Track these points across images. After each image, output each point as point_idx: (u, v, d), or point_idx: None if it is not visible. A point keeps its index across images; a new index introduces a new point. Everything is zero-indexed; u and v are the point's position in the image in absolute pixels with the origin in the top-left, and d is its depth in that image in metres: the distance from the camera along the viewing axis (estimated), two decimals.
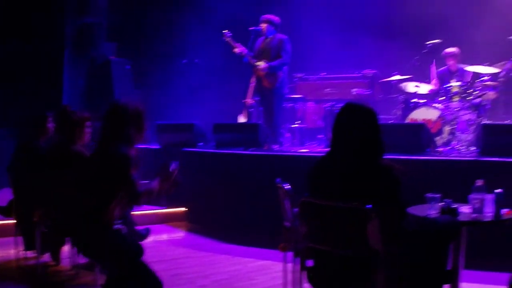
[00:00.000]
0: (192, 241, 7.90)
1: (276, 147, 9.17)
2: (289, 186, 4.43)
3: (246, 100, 10.40)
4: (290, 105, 10.99)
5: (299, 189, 4.07)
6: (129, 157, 4.35)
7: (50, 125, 6.57)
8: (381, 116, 10.81)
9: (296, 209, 4.04)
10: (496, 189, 4.46)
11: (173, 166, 4.54)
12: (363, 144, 3.76)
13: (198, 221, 8.65)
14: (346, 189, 3.69)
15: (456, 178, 6.21)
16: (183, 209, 8.98)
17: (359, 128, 3.79)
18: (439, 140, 8.97)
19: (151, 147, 9.45)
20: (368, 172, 3.71)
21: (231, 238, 7.76)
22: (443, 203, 4.46)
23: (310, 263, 4.02)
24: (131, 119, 4.50)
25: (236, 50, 9.28)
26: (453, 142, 8.86)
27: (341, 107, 3.94)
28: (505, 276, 4.18)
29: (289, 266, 4.45)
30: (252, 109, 10.55)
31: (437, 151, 7.95)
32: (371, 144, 3.79)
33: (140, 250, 4.45)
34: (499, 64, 9.70)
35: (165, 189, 4.54)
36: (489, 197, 4.45)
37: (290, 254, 4.41)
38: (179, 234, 8.45)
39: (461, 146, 8.56)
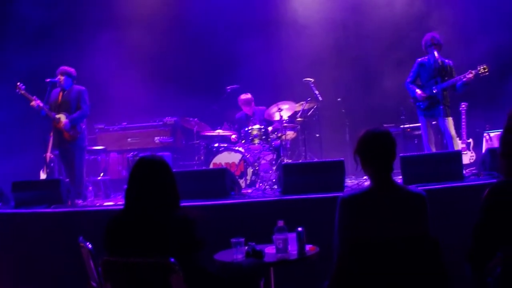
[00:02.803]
0: None
1: (80, 202, 8.84)
2: (91, 246, 4.24)
3: (46, 154, 10.00)
4: (92, 157, 10.73)
5: None
6: None
7: None
8: (185, 163, 10.99)
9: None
10: (300, 224, 4.56)
11: None
12: (157, 196, 3.71)
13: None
14: (146, 243, 3.62)
15: (262, 219, 6.26)
16: None
17: (152, 181, 3.74)
18: (243, 182, 9.13)
19: None
20: (165, 224, 3.65)
21: None
22: (247, 247, 4.50)
23: None
24: None
25: (33, 103, 8.88)
26: (257, 183, 9.05)
27: (134, 163, 3.88)
28: None
29: None
30: (53, 164, 10.16)
31: (242, 194, 8.04)
32: (166, 195, 3.76)
33: None
34: (297, 104, 10.10)
35: None
36: (291, 236, 4.54)
37: None
38: None
39: (265, 186, 8.75)
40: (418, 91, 8.68)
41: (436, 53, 8.48)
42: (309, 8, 12.13)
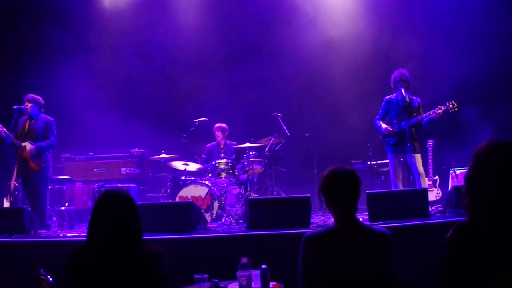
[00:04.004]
0: None
1: (43, 232, 8.68)
2: (52, 279, 4.13)
3: (11, 182, 9.83)
4: (57, 186, 10.59)
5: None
6: None
7: None
8: (151, 195, 10.87)
9: None
10: (265, 260, 4.49)
11: None
12: (120, 232, 3.62)
13: None
14: (108, 279, 3.53)
15: (226, 254, 6.20)
16: None
17: (116, 217, 3.65)
18: (209, 216, 9.05)
19: None
20: (129, 260, 3.57)
21: None
22: (210, 283, 4.42)
23: None
24: None
25: None
26: (223, 217, 8.98)
27: (99, 196, 3.79)
28: None
29: None
30: (17, 192, 9.99)
31: (207, 228, 7.96)
32: (129, 231, 3.67)
33: None
34: (264, 139, 10.08)
35: None
36: (255, 272, 4.47)
37: None
38: None
39: (231, 220, 8.68)
40: (384, 125, 8.73)
41: (403, 91, 8.53)
42: (278, 43, 12.18)
